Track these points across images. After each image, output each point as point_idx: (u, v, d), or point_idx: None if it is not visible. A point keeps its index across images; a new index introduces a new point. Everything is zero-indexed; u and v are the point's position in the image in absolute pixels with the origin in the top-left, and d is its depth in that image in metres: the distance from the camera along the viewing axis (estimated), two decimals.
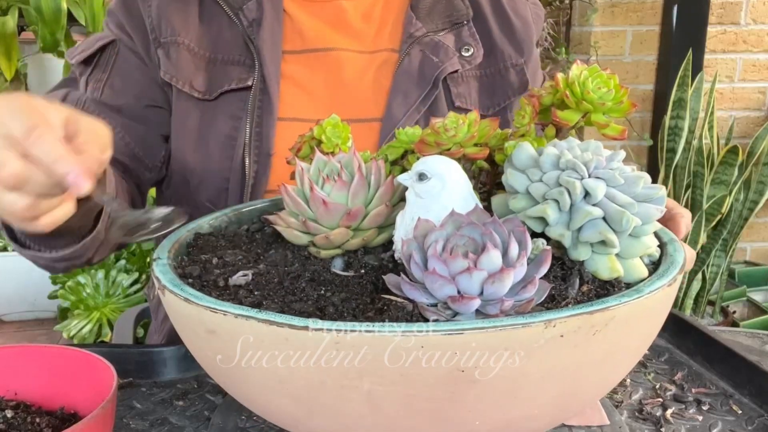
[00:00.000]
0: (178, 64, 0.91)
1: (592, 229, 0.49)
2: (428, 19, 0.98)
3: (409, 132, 0.62)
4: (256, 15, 0.93)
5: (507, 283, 0.45)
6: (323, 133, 0.64)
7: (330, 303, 0.49)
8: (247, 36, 0.92)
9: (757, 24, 2.56)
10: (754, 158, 2.18)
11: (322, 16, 0.97)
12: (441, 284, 0.45)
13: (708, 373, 0.76)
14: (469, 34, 0.99)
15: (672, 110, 2.11)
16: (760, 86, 2.62)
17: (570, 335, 0.42)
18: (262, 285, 0.52)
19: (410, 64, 0.95)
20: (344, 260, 0.56)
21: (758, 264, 2.67)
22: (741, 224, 2.22)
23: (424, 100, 0.94)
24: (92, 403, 0.57)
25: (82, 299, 2.54)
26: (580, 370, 0.45)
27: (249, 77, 0.91)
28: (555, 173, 0.50)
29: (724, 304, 2.36)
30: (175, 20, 0.92)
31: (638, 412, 0.69)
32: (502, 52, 1.00)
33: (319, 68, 0.95)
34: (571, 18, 2.62)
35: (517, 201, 0.51)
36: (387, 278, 0.49)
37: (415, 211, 0.51)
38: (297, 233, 0.57)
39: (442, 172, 0.51)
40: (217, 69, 0.92)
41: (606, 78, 0.54)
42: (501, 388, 0.43)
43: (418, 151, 0.59)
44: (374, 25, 0.99)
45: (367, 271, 0.54)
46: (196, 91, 0.91)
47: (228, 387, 0.53)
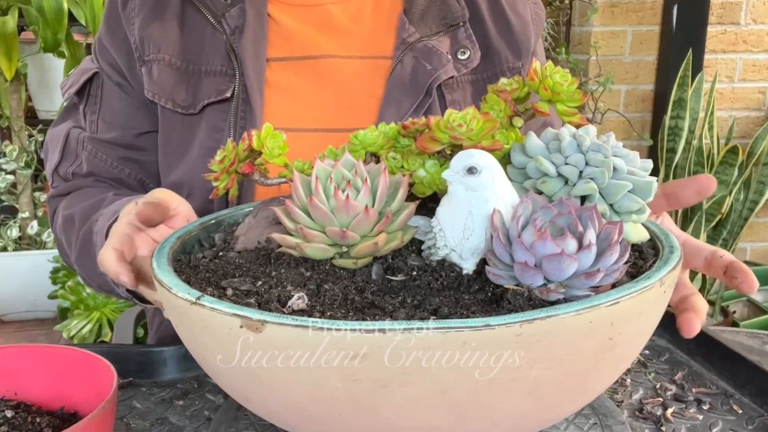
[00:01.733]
0: (160, 81, 0.90)
1: (629, 200, 0.54)
2: (422, 23, 0.94)
3: (369, 135, 0.60)
4: (239, 22, 0.90)
5: (615, 254, 0.48)
6: (263, 144, 0.61)
7: (434, 305, 0.47)
8: (230, 44, 0.89)
9: (757, 24, 2.57)
10: (754, 158, 2.18)
11: (309, 21, 0.94)
12: (567, 264, 0.46)
13: (708, 373, 0.76)
14: (465, 36, 0.94)
15: (672, 110, 2.11)
16: (760, 86, 2.63)
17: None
18: (327, 305, 0.49)
19: (403, 71, 0.91)
20: (381, 266, 0.54)
21: (758, 264, 2.67)
22: (741, 224, 2.22)
23: (417, 110, 0.90)
24: (92, 403, 0.57)
25: (82, 299, 2.55)
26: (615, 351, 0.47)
27: (228, 88, 0.89)
28: (579, 156, 0.55)
29: (724, 304, 2.36)
30: (157, 35, 0.91)
31: (638, 411, 0.69)
32: (499, 55, 0.95)
33: (307, 75, 0.92)
34: (571, 18, 2.62)
35: (548, 184, 0.55)
36: (491, 270, 0.49)
37: (471, 204, 0.52)
38: (325, 247, 0.53)
39: (490, 164, 0.52)
40: (200, 81, 0.90)
41: (564, 73, 0.59)
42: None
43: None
44: (365, 30, 0.95)
45: (418, 272, 0.53)
46: (179, 106, 0.90)
47: (227, 388, 0.53)
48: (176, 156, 0.91)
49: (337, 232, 0.52)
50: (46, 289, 2.71)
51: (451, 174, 0.52)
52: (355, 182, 0.54)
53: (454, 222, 0.52)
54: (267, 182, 0.64)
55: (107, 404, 0.54)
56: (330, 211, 0.53)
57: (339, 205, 0.52)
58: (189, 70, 0.91)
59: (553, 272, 0.46)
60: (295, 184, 0.55)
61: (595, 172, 0.54)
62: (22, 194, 2.92)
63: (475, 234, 0.51)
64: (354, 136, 0.61)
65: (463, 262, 0.52)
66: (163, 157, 0.93)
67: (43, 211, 3.05)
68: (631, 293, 0.44)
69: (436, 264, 0.53)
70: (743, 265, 0.59)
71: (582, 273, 0.46)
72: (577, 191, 0.54)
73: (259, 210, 0.62)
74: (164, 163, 0.93)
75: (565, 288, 0.47)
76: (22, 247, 2.94)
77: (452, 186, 0.52)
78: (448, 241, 0.52)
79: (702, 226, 2.13)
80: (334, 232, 0.52)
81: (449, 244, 0.52)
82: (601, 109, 2.43)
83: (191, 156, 0.90)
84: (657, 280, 0.46)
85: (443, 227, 0.53)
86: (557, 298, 0.46)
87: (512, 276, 0.48)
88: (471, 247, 0.52)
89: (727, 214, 2.14)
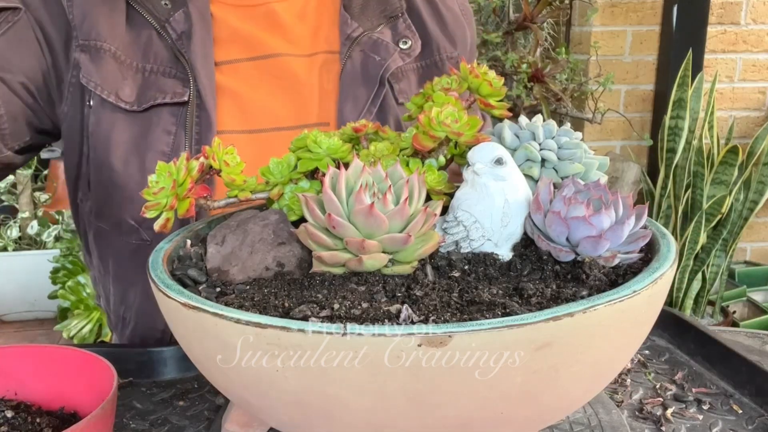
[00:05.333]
0: (103, 72, 0.86)
1: (595, 175, 0.61)
2: (363, 17, 0.96)
3: (333, 142, 0.59)
4: (185, 27, 0.88)
5: (642, 220, 0.54)
6: (221, 161, 0.58)
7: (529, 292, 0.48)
8: (177, 49, 0.87)
9: (757, 24, 2.56)
10: (754, 158, 2.18)
11: (254, 21, 0.93)
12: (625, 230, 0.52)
13: (708, 373, 0.76)
14: (405, 26, 0.97)
15: (672, 110, 2.11)
16: (760, 86, 2.63)
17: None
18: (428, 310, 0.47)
19: (353, 66, 0.93)
20: (431, 267, 0.54)
21: (758, 264, 2.67)
22: (741, 224, 2.22)
23: (374, 101, 0.92)
24: (92, 403, 0.57)
25: (82, 299, 2.55)
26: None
27: (185, 92, 0.87)
28: (550, 141, 0.61)
29: (724, 304, 2.36)
30: (101, 24, 0.87)
31: (638, 411, 0.69)
32: (437, 45, 0.99)
33: (259, 76, 0.91)
34: (571, 18, 2.62)
35: (535, 168, 0.60)
36: (556, 247, 0.53)
37: (505, 193, 0.55)
38: (384, 255, 0.51)
39: (508, 154, 0.56)
40: (147, 79, 0.88)
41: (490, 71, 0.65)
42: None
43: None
44: (309, 27, 0.95)
45: (470, 266, 0.54)
46: (123, 101, 0.86)
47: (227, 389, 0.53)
48: (121, 155, 0.87)
49: (400, 237, 0.50)
50: (46, 289, 2.71)
51: (481, 167, 0.55)
52: (395, 188, 0.53)
53: (492, 212, 0.55)
54: (215, 205, 0.60)
55: (107, 404, 0.54)
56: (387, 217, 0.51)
57: (393, 210, 0.50)
58: (135, 66, 0.88)
59: (615, 240, 0.52)
60: (329, 197, 0.51)
61: (574, 154, 0.60)
62: (22, 194, 2.92)
63: (513, 220, 0.55)
64: (315, 143, 0.59)
65: (498, 249, 0.55)
66: (100, 154, 0.88)
67: (43, 211, 3.06)
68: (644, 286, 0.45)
69: (472, 255, 0.55)
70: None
71: (633, 236, 0.53)
72: (564, 172, 0.59)
73: (241, 232, 0.57)
74: (101, 160, 0.88)
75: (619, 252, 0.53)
76: (22, 247, 2.94)
77: (482, 178, 0.55)
78: (486, 231, 0.55)
79: (702, 226, 2.13)
80: (395, 238, 0.50)
81: (486, 234, 0.55)
82: (601, 109, 2.43)
83: (142, 158, 0.86)
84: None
85: (478, 219, 0.55)
86: (617, 263, 0.52)
87: (574, 250, 0.53)
88: (508, 234, 0.55)
89: (727, 214, 2.14)
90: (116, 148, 0.87)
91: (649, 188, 2.29)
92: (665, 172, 2.17)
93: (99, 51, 0.86)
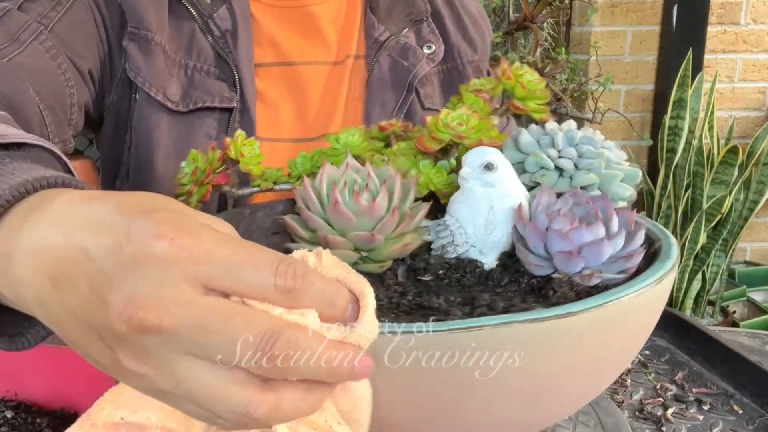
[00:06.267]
0: (154, 67, 0.81)
1: (620, 188, 0.57)
2: (389, 21, 0.94)
3: (353, 138, 0.60)
4: (229, 25, 0.85)
5: (640, 239, 0.50)
6: (238, 152, 0.59)
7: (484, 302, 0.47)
8: (220, 47, 0.84)
9: (757, 24, 2.56)
10: (754, 158, 2.18)
11: (292, 24, 0.90)
12: (606, 249, 0.49)
13: (709, 373, 0.76)
14: (429, 31, 0.96)
15: (672, 110, 2.11)
16: (760, 86, 2.62)
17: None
18: (383, 310, 0.47)
19: (381, 71, 0.91)
20: (405, 268, 0.54)
21: (758, 264, 2.67)
22: (741, 224, 2.22)
23: (401, 107, 0.91)
24: (92, 403, 0.57)
25: None
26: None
27: (232, 97, 0.83)
28: (571, 149, 0.57)
29: (724, 304, 2.36)
30: (150, 12, 0.81)
31: (639, 411, 0.69)
32: (458, 49, 0.98)
33: (291, 83, 0.89)
34: (571, 18, 2.62)
35: (547, 177, 0.57)
36: (532, 261, 0.50)
37: (491, 200, 0.53)
38: (350, 252, 0.52)
39: (503, 160, 0.54)
40: (191, 78, 0.84)
41: (532, 71, 0.63)
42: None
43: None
44: (339, 31, 0.93)
45: (444, 271, 0.53)
46: (169, 101, 0.82)
47: None
48: (162, 156, 0.83)
49: (365, 236, 0.51)
50: None
51: (468, 171, 0.53)
52: (371, 185, 0.53)
53: (475, 218, 0.53)
54: (238, 193, 0.62)
55: None
56: (355, 215, 0.51)
57: (362, 208, 0.51)
58: (179, 63, 0.84)
59: (593, 258, 0.49)
60: (307, 192, 0.53)
61: (592, 164, 0.56)
62: None
63: (498, 228, 0.53)
64: (334, 139, 0.60)
65: (483, 257, 0.53)
66: (141, 152, 0.84)
67: None
68: (646, 285, 0.45)
69: (456, 261, 0.54)
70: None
71: (618, 257, 0.49)
72: (578, 182, 0.56)
73: (249, 219, 0.60)
74: (142, 157, 0.84)
75: (601, 272, 0.49)
76: None
77: (469, 183, 0.53)
78: (469, 237, 0.53)
79: (702, 226, 2.13)
80: (360, 236, 0.51)
81: (470, 241, 0.53)
82: (601, 109, 2.42)
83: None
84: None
85: (462, 224, 0.53)
86: (596, 283, 0.49)
87: (551, 265, 0.50)
88: (493, 242, 0.53)
89: (727, 214, 2.14)
90: (158, 147, 0.83)
91: (649, 188, 2.29)
92: (665, 172, 2.17)
93: (149, 43, 0.81)
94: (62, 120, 0.76)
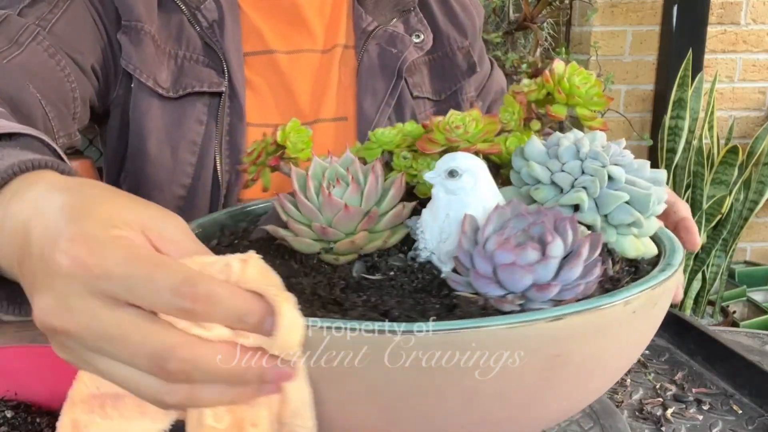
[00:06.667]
0: (144, 54, 0.84)
1: (623, 212, 0.51)
2: (377, 12, 0.97)
3: (386, 134, 0.61)
4: (217, 16, 0.88)
5: (578, 269, 0.45)
6: (287, 139, 0.60)
7: (388, 307, 0.47)
8: (208, 37, 0.87)
9: (757, 24, 2.56)
10: (754, 158, 2.18)
11: (277, 15, 0.93)
12: (521, 276, 0.44)
13: (708, 373, 0.76)
14: (417, 20, 0.99)
15: (672, 110, 2.11)
16: (760, 86, 2.63)
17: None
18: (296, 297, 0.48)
19: (370, 60, 0.94)
20: (365, 264, 0.54)
21: (758, 264, 2.67)
22: (741, 224, 2.22)
23: (392, 93, 0.93)
24: None
25: None
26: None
27: (221, 82, 0.86)
28: (576, 163, 0.52)
29: (724, 304, 2.36)
30: (139, 5, 0.84)
31: (638, 411, 0.69)
32: (447, 36, 1.00)
33: (278, 70, 0.92)
34: (571, 18, 2.62)
35: (540, 191, 0.53)
36: (449, 276, 0.48)
37: (449, 207, 0.50)
38: (309, 241, 0.54)
39: (472, 168, 0.50)
40: (181, 66, 0.86)
41: (587, 74, 0.57)
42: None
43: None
44: (326, 21, 0.96)
45: (396, 273, 0.52)
46: (160, 87, 0.84)
47: None
48: (154, 143, 0.85)
49: (318, 228, 0.53)
50: None
51: (432, 176, 0.51)
52: (346, 180, 0.55)
53: (433, 225, 0.51)
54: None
55: None
56: (317, 208, 0.54)
57: (323, 201, 0.54)
58: (168, 52, 0.87)
59: (509, 282, 0.45)
60: (292, 179, 0.56)
61: (586, 181, 0.51)
62: None
63: (452, 238, 0.50)
64: (372, 134, 0.61)
65: (442, 265, 0.51)
66: (136, 141, 0.86)
67: None
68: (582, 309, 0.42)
69: (419, 265, 0.53)
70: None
71: (537, 285, 0.44)
72: (565, 200, 0.52)
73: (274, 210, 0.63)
74: (137, 147, 0.86)
75: (524, 300, 0.45)
76: None
77: (434, 188, 0.51)
78: (427, 243, 0.52)
79: (702, 226, 2.13)
80: (316, 227, 0.54)
81: (428, 247, 0.52)
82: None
83: (175, 148, 0.86)
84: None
85: (424, 229, 0.52)
86: (511, 310, 0.44)
87: (467, 283, 0.46)
88: (448, 251, 0.50)
89: (727, 214, 2.14)
90: (150, 134, 0.86)
91: None
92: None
93: (139, 33, 0.84)
94: (65, 114, 0.79)
